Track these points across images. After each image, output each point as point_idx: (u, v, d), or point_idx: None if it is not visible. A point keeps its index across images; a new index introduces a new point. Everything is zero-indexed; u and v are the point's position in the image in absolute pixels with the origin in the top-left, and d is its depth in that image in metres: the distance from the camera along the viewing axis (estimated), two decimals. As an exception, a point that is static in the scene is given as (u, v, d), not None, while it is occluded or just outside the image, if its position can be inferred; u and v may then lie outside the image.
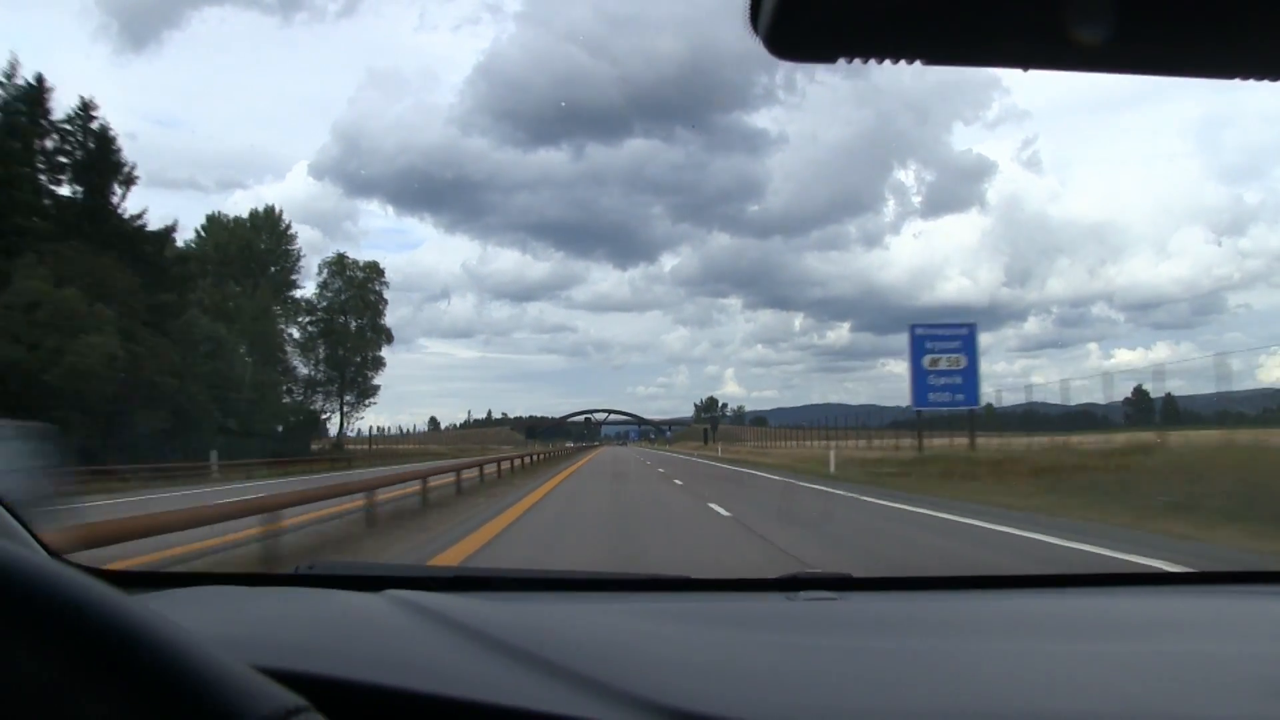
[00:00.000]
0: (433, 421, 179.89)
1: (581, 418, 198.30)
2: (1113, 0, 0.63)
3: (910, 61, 0.69)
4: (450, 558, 8.30)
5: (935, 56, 0.69)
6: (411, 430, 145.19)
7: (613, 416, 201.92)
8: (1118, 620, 1.59)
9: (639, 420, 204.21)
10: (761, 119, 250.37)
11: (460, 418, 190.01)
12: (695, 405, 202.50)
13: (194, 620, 1.20)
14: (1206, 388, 28.33)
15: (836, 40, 0.67)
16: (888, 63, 0.69)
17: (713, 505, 14.41)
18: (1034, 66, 0.72)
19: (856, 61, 0.68)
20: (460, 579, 1.81)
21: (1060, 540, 9.21)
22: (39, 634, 0.54)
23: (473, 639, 1.09)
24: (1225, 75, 0.71)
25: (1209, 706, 1.04)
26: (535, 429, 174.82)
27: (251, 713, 0.54)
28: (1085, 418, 41.08)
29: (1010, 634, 1.47)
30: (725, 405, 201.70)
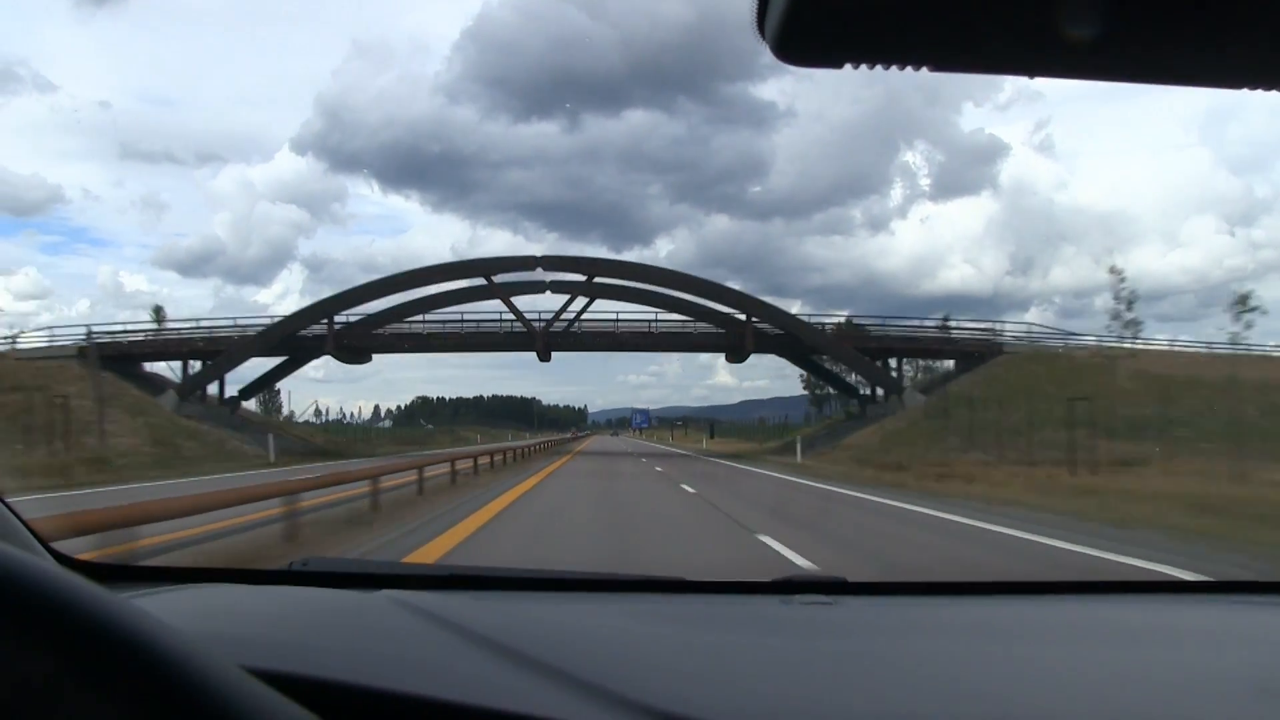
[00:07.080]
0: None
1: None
2: (1118, 10, 0.63)
3: (917, 68, 0.69)
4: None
5: (940, 62, 0.70)
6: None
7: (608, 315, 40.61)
8: (1117, 628, 1.57)
9: (700, 322, 38.43)
10: (769, 90, 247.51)
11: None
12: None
13: (190, 620, 1.22)
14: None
15: (843, 45, 0.67)
16: (894, 68, 0.69)
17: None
18: (1039, 74, 0.72)
19: (863, 67, 0.68)
20: (455, 577, 1.82)
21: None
22: (32, 643, 0.53)
23: (467, 640, 1.10)
24: (1225, 85, 0.72)
25: (1203, 715, 1.03)
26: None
27: None
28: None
29: (1008, 640, 1.46)
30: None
